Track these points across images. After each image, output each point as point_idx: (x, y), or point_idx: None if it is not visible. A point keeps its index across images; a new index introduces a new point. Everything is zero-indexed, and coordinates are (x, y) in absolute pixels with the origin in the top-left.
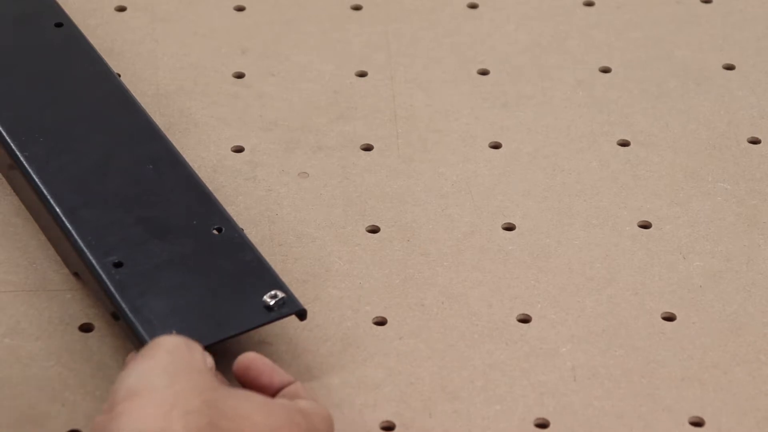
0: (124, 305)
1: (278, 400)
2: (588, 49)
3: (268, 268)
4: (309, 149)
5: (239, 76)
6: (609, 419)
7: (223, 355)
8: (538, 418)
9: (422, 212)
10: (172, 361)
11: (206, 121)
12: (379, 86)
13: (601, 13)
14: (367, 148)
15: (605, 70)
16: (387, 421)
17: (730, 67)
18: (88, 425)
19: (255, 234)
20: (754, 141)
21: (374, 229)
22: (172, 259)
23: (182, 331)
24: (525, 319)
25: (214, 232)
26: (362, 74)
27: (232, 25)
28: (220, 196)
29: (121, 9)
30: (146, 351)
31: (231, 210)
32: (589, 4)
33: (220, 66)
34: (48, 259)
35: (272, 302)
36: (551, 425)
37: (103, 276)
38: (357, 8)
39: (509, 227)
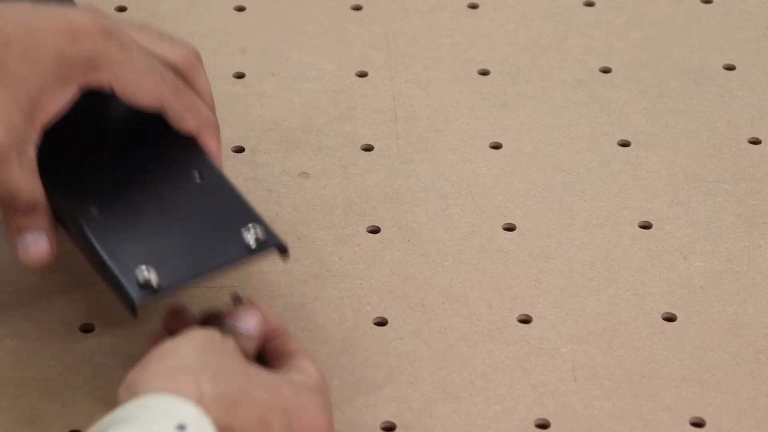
0: (101, 250)
1: (288, 379)
2: (588, 49)
3: (248, 206)
4: (309, 149)
5: (239, 76)
6: (609, 419)
7: None
8: (538, 418)
9: (422, 212)
10: (205, 344)
11: None
12: (379, 86)
13: (601, 13)
14: (367, 148)
15: (605, 70)
16: (387, 422)
17: (730, 67)
18: (88, 425)
19: None
20: (754, 141)
21: (374, 230)
22: (150, 203)
23: (160, 271)
24: (525, 320)
25: (195, 175)
26: (362, 74)
27: (232, 25)
28: None
29: (122, 9)
30: (181, 335)
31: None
32: (589, 4)
33: (220, 66)
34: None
35: (252, 239)
36: (551, 425)
37: (82, 223)
38: (357, 8)
39: (509, 227)
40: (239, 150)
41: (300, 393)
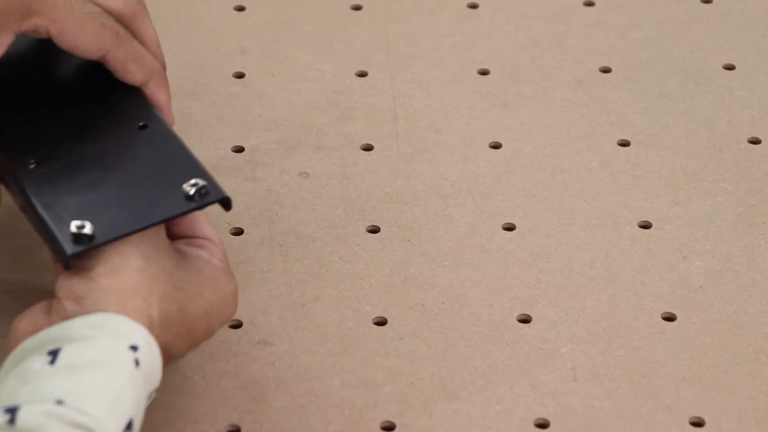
0: (36, 203)
1: (222, 269)
2: (588, 49)
3: (191, 157)
4: (309, 149)
5: (239, 76)
6: (609, 419)
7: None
8: (538, 418)
9: (422, 212)
10: (143, 243)
11: (206, 121)
12: (379, 86)
13: (601, 13)
14: (367, 148)
15: (605, 70)
16: (387, 421)
17: (730, 67)
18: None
19: (255, 234)
20: (754, 141)
21: (374, 229)
22: (91, 156)
23: (97, 223)
24: (525, 319)
25: (139, 127)
26: (362, 74)
27: (232, 25)
28: None
29: None
30: (124, 241)
31: (231, 210)
32: (589, 4)
33: (220, 66)
34: (48, 259)
35: (193, 191)
36: (551, 425)
37: (19, 175)
38: (357, 8)
39: (509, 227)
40: (239, 150)
41: (218, 287)
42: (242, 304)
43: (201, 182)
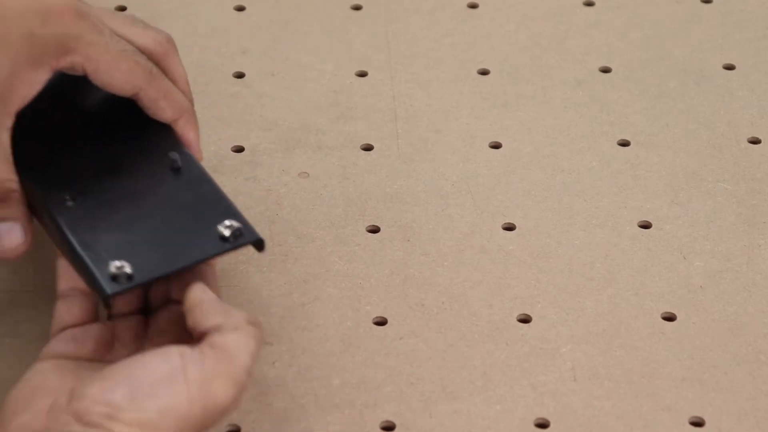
0: (74, 242)
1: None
2: (588, 49)
3: (225, 198)
4: (309, 149)
5: (239, 76)
6: (609, 419)
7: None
8: (538, 418)
9: (422, 212)
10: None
11: (206, 121)
12: (379, 86)
13: (601, 13)
14: (367, 148)
15: (605, 70)
16: (387, 421)
17: (730, 67)
18: None
19: None
20: (754, 141)
21: (374, 229)
22: (125, 193)
23: (134, 263)
24: (525, 319)
25: (171, 165)
26: (362, 74)
27: (232, 25)
28: None
29: (122, 9)
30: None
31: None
32: (589, 4)
33: (220, 66)
34: (48, 259)
35: (228, 232)
36: (551, 425)
37: (55, 213)
38: (357, 8)
39: (509, 227)
40: (239, 150)
41: (210, 393)
42: (243, 304)
43: (235, 224)
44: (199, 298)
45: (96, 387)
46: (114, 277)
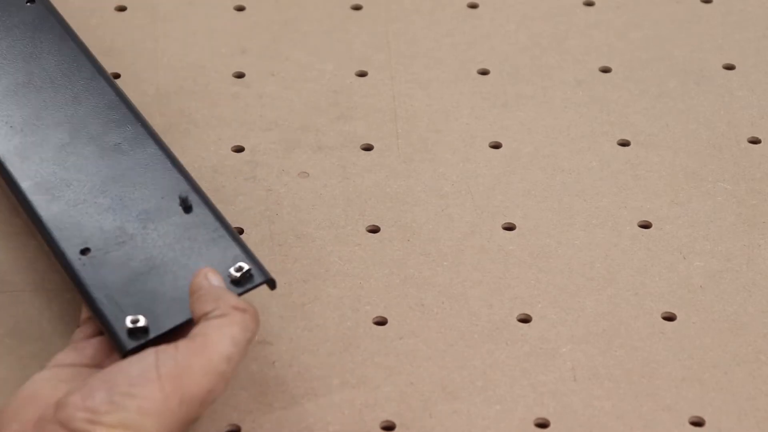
0: (93, 295)
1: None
2: (588, 49)
3: (234, 241)
4: (309, 149)
5: (239, 76)
6: (609, 419)
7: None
8: (538, 418)
9: (422, 212)
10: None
11: (206, 121)
12: (379, 86)
13: (601, 13)
14: (367, 148)
15: (605, 70)
16: (387, 421)
17: (730, 67)
18: None
19: (255, 234)
20: (754, 141)
21: (374, 229)
22: (137, 242)
23: (149, 316)
24: (525, 319)
25: (180, 208)
26: (362, 74)
27: (232, 25)
28: (220, 196)
29: (122, 9)
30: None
31: (231, 210)
32: (589, 4)
33: (220, 66)
34: (48, 259)
35: (238, 275)
36: (551, 425)
37: (70, 262)
38: (357, 8)
39: (509, 227)
40: (239, 150)
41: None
42: None
43: (245, 266)
44: (198, 284)
45: (77, 394)
46: (131, 332)
